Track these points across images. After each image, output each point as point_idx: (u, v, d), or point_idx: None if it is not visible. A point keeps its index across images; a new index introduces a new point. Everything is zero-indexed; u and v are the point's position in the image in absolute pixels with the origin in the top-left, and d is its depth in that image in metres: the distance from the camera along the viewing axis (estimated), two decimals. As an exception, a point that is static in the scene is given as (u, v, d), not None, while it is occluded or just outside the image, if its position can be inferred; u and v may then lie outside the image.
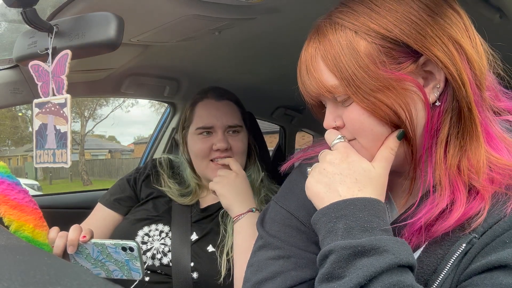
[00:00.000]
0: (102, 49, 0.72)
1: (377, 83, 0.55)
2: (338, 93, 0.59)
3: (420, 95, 0.57)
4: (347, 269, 0.50)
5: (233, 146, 1.17)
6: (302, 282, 0.61)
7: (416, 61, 0.56)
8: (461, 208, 0.54)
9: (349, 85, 0.56)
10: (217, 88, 1.25)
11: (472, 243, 0.53)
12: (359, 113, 0.58)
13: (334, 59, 0.57)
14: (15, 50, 0.82)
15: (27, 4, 0.67)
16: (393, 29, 0.55)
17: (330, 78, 0.58)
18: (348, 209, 0.54)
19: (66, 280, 0.34)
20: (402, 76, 0.56)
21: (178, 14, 0.87)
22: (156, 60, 1.33)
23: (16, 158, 25.21)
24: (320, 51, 0.59)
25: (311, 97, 0.63)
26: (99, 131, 32.34)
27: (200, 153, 1.16)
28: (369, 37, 0.56)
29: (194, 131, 1.18)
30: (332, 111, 0.63)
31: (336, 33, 0.58)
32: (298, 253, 0.64)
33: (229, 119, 1.18)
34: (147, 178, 1.24)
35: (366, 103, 0.56)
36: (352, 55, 0.56)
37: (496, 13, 0.83)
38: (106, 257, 0.90)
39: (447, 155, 0.57)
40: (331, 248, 0.52)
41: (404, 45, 0.55)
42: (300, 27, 1.04)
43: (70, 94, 0.71)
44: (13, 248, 0.43)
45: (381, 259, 0.49)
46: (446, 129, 0.57)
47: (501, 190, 0.55)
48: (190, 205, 1.19)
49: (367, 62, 0.56)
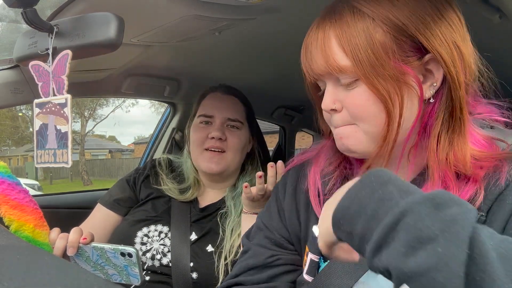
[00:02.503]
0: (103, 49, 0.72)
1: (385, 71, 0.58)
2: (347, 74, 0.60)
3: (417, 91, 0.60)
4: (437, 226, 0.38)
5: (229, 139, 1.18)
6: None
7: (421, 58, 0.59)
8: (455, 193, 0.57)
9: (362, 68, 0.58)
10: (227, 85, 1.28)
11: (480, 221, 0.56)
12: (365, 98, 0.59)
13: (350, 40, 0.58)
14: (15, 50, 0.82)
15: (27, 4, 0.67)
16: (409, 24, 0.57)
17: (342, 57, 0.59)
18: (383, 177, 0.45)
19: (66, 280, 0.34)
20: (408, 69, 0.58)
21: (178, 14, 0.87)
22: (156, 60, 1.33)
23: (16, 158, 25.22)
24: (334, 30, 0.60)
25: (314, 75, 0.64)
26: (99, 131, 32.40)
27: (197, 140, 1.18)
28: (385, 27, 0.58)
29: (196, 119, 1.22)
30: (332, 93, 0.63)
31: (354, 17, 0.59)
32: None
33: (230, 112, 1.19)
34: (147, 179, 1.25)
35: (375, 88, 0.58)
36: (367, 40, 0.58)
37: (496, 13, 0.83)
38: (105, 261, 0.90)
39: (438, 149, 0.60)
40: (404, 209, 0.40)
41: (415, 41, 0.58)
42: (300, 27, 1.04)
43: (70, 94, 0.71)
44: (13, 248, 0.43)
45: (464, 209, 0.40)
46: (439, 125, 0.60)
47: (490, 170, 0.59)
48: (189, 205, 1.20)
49: (381, 50, 0.57)
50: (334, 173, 0.72)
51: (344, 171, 0.72)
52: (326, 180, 0.71)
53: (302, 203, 0.74)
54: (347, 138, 0.64)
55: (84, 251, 0.89)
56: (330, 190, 0.70)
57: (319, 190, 0.71)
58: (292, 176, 0.79)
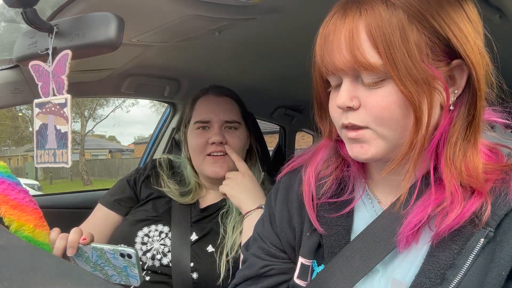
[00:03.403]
0: (102, 49, 0.72)
1: (418, 74, 0.53)
2: (375, 73, 0.55)
3: (443, 96, 0.56)
4: None
5: (229, 141, 1.17)
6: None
7: (449, 63, 0.56)
8: (459, 205, 0.55)
9: (395, 68, 0.53)
10: (218, 86, 1.27)
11: (489, 237, 0.55)
12: (392, 100, 0.55)
13: (384, 37, 0.53)
14: (15, 50, 0.82)
15: (27, 4, 0.67)
16: (444, 25, 0.54)
17: (373, 55, 0.54)
18: None
19: (66, 280, 0.34)
20: (438, 74, 0.55)
21: (178, 14, 0.87)
22: (156, 60, 1.33)
23: (16, 158, 25.22)
24: (365, 22, 0.54)
25: (332, 69, 0.58)
26: (99, 131, 32.41)
27: (197, 147, 1.17)
28: (420, 26, 0.53)
29: (193, 126, 1.20)
30: (350, 89, 0.58)
31: (388, 9, 0.53)
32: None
33: (226, 115, 1.18)
34: (147, 179, 1.24)
35: (407, 91, 0.53)
36: (402, 38, 0.53)
37: (495, 13, 0.83)
38: (104, 262, 0.90)
39: (455, 157, 0.57)
40: None
41: (446, 45, 0.55)
42: (300, 27, 1.05)
43: (70, 94, 0.71)
44: (13, 248, 0.43)
45: None
46: (456, 133, 0.57)
47: (497, 184, 0.56)
48: (189, 206, 1.20)
49: (416, 50, 0.53)
50: (330, 176, 0.69)
51: (340, 174, 0.70)
52: (322, 183, 0.69)
53: (294, 208, 0.73)
54: (368, 145, 0.59)
55: (83, 251, 0.89)
56: (324, 193, 0.69)
57: (313, 194, 0.69)
58: (285, 183, 0.77)
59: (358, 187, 0.69)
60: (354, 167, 0.69)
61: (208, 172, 1.16)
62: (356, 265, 0.62)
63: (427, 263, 0.57)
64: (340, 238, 0.66)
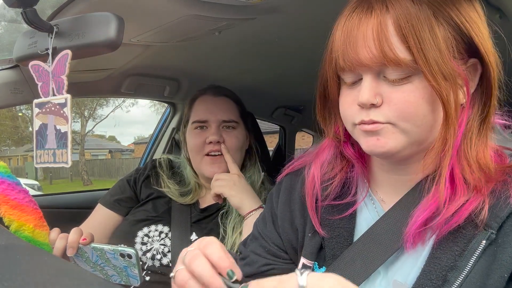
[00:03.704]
0: (102, 49, 0.72)
1: (447, 69, 0.53)
2: (402, 68, 0.54)
3: (464, 93, 0.57)
4: None
5: (226, 141, 1.17)
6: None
7: (467, 61, 0.56)
8: (459, 201, 0.55)
9: (427, 64, 0.52)
10: (216, 86, 1.27)
11: (491, 239, 0.54)
12: (419, 96, 0.54)
13: (414, 32, 0.52)
14: (15, 50, 0.82)
15: (27, 4, 0.67)
16: (466, 24, 0.54)
17: (403, 50, 0.53)
18: None
19: (66, 280, 0.34)
20: (461, 71, 0.55)
21: (178, 14, 0.87)
22: (156, 60, 1.33)
23: (16, 158, 25.22)
24: (393, 18, 0.53)
25: (356, 65, 0.56)
26: (99, 131, 32.41)
27: (195, 147, 1.17)
28: (446, 24, 0.54)
29: (191, 126, 1.20)
30: (373, 86, 0.56)
31: (414, 5, 0.53)
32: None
33: (224, 114, 1.18)
34: (147, 179, 1.24)
35: (438, 87, 0.53)
36: (431, 34, 0.53)
37: (496, 13, 0.83)
38: (104, 262, 0.90)
39: (469, 153, 0.57)
40: None
41: (468, 43, 0.55)
42: (300, 27, 1.05)
43: (70, 94, 0.71)
44: (13, 248, 0.43)
45: None
46: (471, 130, 0.58)
47: (498, 186, 0.56)
48: (189, 206, 1.19)
49: (444, 46, 0.53)
50: (335, 177, 0.68)
51: (344, 175, 0.69)
52: (327, 185, 0.68)
53: (297, 209, 0.72)
54: (385, 138, 0.57)
55: (83, 251, 0.89)
56: (328, 195, 0.68)
57: (318, 196, 0.68)
58: (286, 183, 0.77)
59: (361, 188, 0.69)
60: (358, 167, 0.68)
61: (206, 172, 1.16)
62: (358, 268, 0.62)
63: (428, 264, 0.57)
64: (342, 241, 0.66)
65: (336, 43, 0.58)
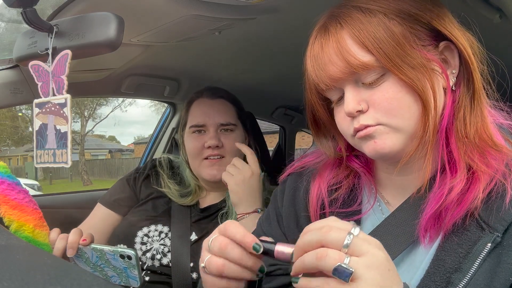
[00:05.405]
0: (102, 49, 0.72)
1: (413, 59, 0.56)
2: (372, 70, 0.57)
3: (443, 77, 0.59)
4: None
5: (225, 144, 1.17)
6: None
7: (437, 46, 0.59)
8: (459, 185, 0.56)
9: (389, 60, 0.56)
10: (212, 88, 1.26)
11: (496, 242, 0.55)
12: (396, 90, 0.57)
13: (369, 35, 0.56)
14: (15, 50, 0.82)
15: (27, 4, 0.67)
16: (420, 12, 0.58)
17: (364, 54, 0.57)
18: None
19: (66, 280, 0.34)
20: (431, 56, 0.58)
21: (178, 14, 0.87)
22: (156, 60, 1.33)
23: (16, 158, 25.24)
24: (348, 31, 0.58)
25: (330, 82, 0.60)
26: (99, 131, 32.42)
27: (193, 151, 1.17)
28: (399, 18, 0.57)
29: (188, 130, 1.19)
30: (355, 94, 0.60)
31: (365, 15, 0.58)
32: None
33: (221, 117, 1.18)
34: (147, 179, 1.24)
35: (407, 78, 0.56)
36: (386, 32, 0.56)
37: (496, 13, 0.83)
38: (104, 263, 0.90)
39: (466, 130, 0.59)
40: None
41: (428, 29, 0.58)
42: (300, 27, 1.04)
43: (70, 94, 0.71)
44: (13, 248, 0.43)
45: None
46: (461, 110, 0.59)
47: (497, 177, 0.57)
48: (189, 206, 1.19)
49: (403, 40, 0.56)
50: (341, 184, 0.70)
51: (351, 183, 0.70)
52: (332, 191, 0.69)
53: (302, 209, 0.73)
54: (381, 139, 0.59)
55: (83, 252, 0.89)
56: (333, 200, 0.69)
57: (325, 204, 0.69)
58: (291, 182, 0.77)
59: (367, 197, 0.69)
60: (364, 178, 0.69)
61: (205, 176, 1.16)
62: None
63: (432, 266, 0.57)
64: None
65: (309, 71, 0.63)
